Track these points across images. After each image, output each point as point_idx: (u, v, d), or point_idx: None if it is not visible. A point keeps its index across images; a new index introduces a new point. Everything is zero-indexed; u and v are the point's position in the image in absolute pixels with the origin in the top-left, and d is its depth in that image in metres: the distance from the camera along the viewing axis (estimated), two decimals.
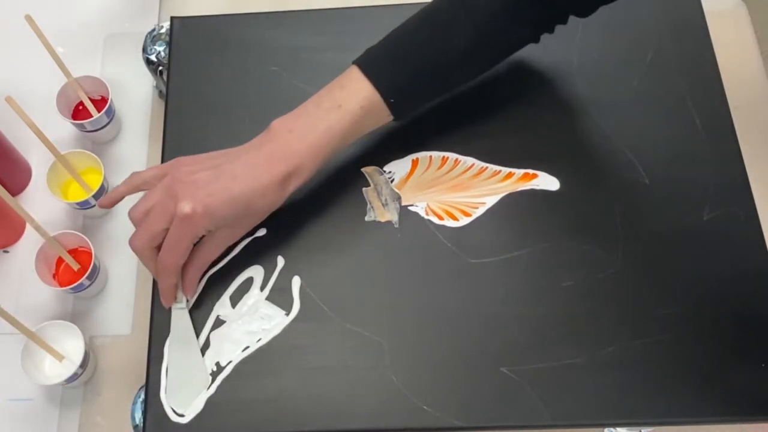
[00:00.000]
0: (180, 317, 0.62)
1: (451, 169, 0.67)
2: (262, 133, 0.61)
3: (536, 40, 0.65)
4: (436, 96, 0.66)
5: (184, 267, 0.61)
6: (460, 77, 0.66)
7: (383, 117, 0.62)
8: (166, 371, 0.60)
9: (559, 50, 0.71)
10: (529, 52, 0.71)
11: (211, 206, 0.57)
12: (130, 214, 0.60)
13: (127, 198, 0.66)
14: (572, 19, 0.71)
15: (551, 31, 0.65)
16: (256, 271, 0.64)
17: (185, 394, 0.60)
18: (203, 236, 0.60)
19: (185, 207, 0.56)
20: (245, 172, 0.58)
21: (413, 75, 0.61)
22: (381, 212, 0.66)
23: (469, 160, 0.68)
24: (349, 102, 0.60)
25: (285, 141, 0.59)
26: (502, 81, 0.70)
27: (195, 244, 0.60)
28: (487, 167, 0.67)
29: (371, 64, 0.61)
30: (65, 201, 0.74)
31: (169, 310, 0.62)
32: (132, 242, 0.59)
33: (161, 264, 0.59)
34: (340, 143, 0.61)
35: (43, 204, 0.77)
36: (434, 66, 0.62)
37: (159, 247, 0.59)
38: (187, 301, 0.62)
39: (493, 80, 0.70)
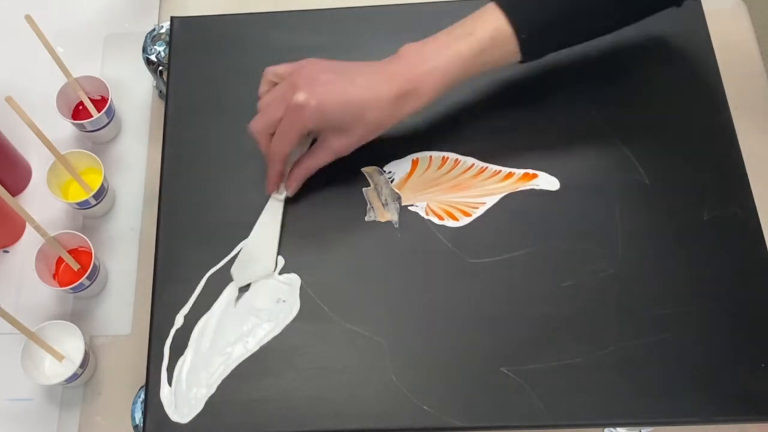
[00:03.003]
0: (274, 206, 0.65)
1: (451, 169, 0.67)
2: (392, 55, 0.62)
3: (678, 3, 0.65)
4: (568, 42, 0.65)
5: (294, 164, 0.64)
6: (597, 25, 0.64)
7: (512, 53, 0.61)
8: (167, 369, 0.60)
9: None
10: None
11: (324, 102, 0.58)
12: (259, 103, 0.63)
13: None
14: None
15: None
16: None
17: (248, 273, 0.63)
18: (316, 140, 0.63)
19: (300, 96, 0.58)
20: (365, 79, 0.60)
21: (548, 13, 0.61)
22: (381, 212, 0.66)
23: (469, 160, 0.68)
24: (480, 30, 0.60)
25: (410, 62, 0.60)
26: (502, 81, 0.70)
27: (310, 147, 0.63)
28: (487, 167, 0.67)
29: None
30: (65, 201, 0.74)
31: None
32: (251, 125, 0.62)
33: (271, 149, 0.62)
34: (465, 72, 0.61)
35: (43, 204, 0.77)
36: (571, 8, 0.61)
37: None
38: (286, 196, 0.65)
39: (493, 80, 0.70)
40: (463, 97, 0.70)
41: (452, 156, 0.68)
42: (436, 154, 0.68)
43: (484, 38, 0.60)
